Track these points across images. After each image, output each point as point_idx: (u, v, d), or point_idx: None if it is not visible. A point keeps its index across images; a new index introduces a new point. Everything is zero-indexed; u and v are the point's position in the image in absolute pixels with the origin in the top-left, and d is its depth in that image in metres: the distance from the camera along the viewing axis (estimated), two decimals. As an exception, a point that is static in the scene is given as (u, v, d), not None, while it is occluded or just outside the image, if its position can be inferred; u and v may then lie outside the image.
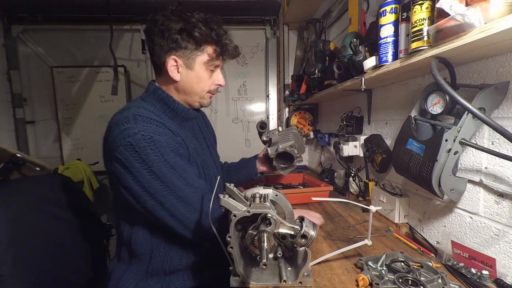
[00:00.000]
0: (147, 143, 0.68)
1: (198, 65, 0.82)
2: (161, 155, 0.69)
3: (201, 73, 0.83)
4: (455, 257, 0.71)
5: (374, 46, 0.88)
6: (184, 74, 0.82)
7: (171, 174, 0.70)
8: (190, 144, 0.85)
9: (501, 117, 0.64)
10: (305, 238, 0.62)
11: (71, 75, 2.22)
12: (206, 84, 0.86)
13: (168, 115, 0.84)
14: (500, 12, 0.48)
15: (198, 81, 0.84)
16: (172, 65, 0.80)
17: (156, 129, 0.72)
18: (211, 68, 0.84)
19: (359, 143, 1.23)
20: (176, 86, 0.85)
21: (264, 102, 2.46)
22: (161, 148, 0.70)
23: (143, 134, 0.68)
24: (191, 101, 0.88)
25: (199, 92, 0.86)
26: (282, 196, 0.70)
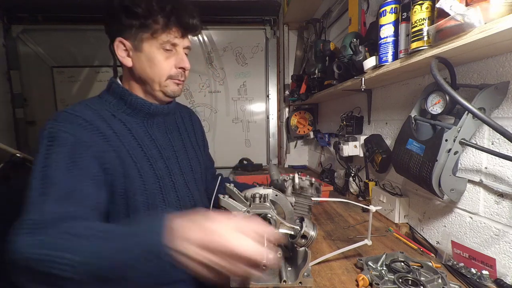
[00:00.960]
0: (47, 140, 0.61)
1: (146, 45, 0.71)
2: (48, 156, 0.59)
3: (152, 54, 0.71)
4: (455, 257, 0.71)
5: (374, 46, 0.88)
6: (135, 58, 0.72)
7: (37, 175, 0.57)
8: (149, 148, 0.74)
9: (501, 117, 0.64)
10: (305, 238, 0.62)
11: (71, 75, 2.22)
12: (162, 67, 0.72)
13: (127, 111, 0.74)
14: (500, 12, 0.48)
15: (150, 65, 0.72)
16: (121, 49, 0.72)
17: (73, 128, 0.62)
18: (165, 47, 0.71)
19: (359, 143, 1.23)
20: (131, 74, 0.75)
21: (264, 102, 2.46)
22: (57, 148, 0.59)
23: (50, 130, 0.62)
24: (150, 90, 0.75)
25: (156, 78, 0.73)
26: (282, 196, 0.70)
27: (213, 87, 2.39)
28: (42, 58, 2.21)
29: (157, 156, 0.76)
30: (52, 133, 0.61)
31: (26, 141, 2.25)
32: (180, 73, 0.76)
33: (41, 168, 0.58)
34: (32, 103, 2.24)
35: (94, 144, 0.64)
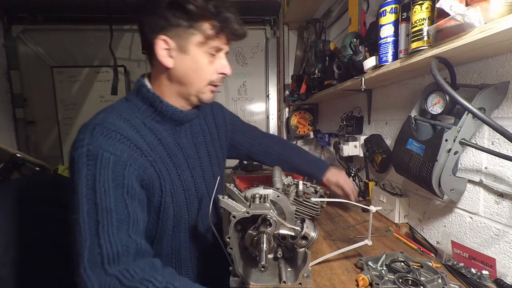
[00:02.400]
0: (87, 160, 0.56)
1: (194, 47, 0.66)
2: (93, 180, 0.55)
3: (199, 57, 0.67)
4: (455, 257, 0.71)
5: (374, 46, 0.88)
6: (177, 60, 0.67)
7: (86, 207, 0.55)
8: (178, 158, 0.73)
9: (501, 117, 0.64)
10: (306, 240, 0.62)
11: (71, 75, 2.22)
12: (206, 72, 0.69)
13: (156, 118, 0.70)
14: (500, 12, 0.48)
15: (195, 68, 0.68)
16: (162, 48, 0.65)
17: (112, 145, 0.58)
18: (211, 52, 0.68)
19: (359, 143, 1.23)
20: (169, 75, 0.69)
21: (264, 102, 2.46)
22: (101, 171, 0.56)
23: (89, 148, 0.57)
24: (187, 94, 0.72)
25: (197, 83, 0.70)
26: (283, 196, 0.70)
27: (213, 87, 2.39)
28: (42, 58, 2.21)
29: (185, 166, 0.74)
30: (92, 152, 0.57)
31: (26, 141, 2.25)
32: (220, 79, 0.73)
33: (88, 192, 0.55)
34: (32, 103, 2.24)
35: (133, 161, 0.61)
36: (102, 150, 0.57)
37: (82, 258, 0.52)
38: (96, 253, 0.52)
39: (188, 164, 0.75)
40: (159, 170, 0.67)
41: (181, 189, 0.72)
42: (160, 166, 0.67)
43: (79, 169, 0.56)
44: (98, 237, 0.53)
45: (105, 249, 0.52)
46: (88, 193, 0.54)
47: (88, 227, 0.53)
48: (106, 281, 0.51)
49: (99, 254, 0.52)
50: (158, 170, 0.67)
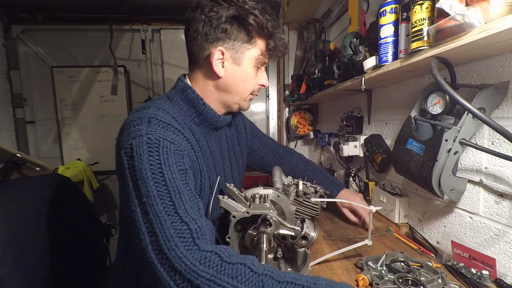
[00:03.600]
0: (149, 148, 0.56)
1: (246, 61, 0.71)
2: (158, 165, 0.55)
3: (248, 70, 0.72)
4: (455, 257, 0.71)
5: (374, 46, 0.88)
6: (229, 70, 0.71)
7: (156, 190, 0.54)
8: (209, 161, 0.75)
9: (501, 117, 0.64)
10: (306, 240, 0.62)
11: (71, 75, 2.22)
12: (251, 83, 0.75)
13: (195, 120, 0.73)
14: (500, 12, 0.48)
15: (244, 79, 0.73)
16: (217, 58, 0.69)
17: (170, 135, 0.60)
18: (258, 66, 0.74)
19: (359, 143, 1.23)
20: (217, 83, 0.73)
21: (264, 102, 2.46)
22: (164, 156, 0.56)
23: (149, 137, 0.57)
24: (231, 102, 0.76)
25: (243, 92, 0.75)
26: (283, 196, 0.70)
27: (213, 87, 2.39)
28: (42, 58, 2.21)
29: (213, 170, 0.76)
30: (153, 140, 0.57)
31: (26, 141, 2.25)
32: (258, 89, 0.79)
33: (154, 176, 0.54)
34: (32, 103, 2.24)
35: (187, 153, 0.63)
36: (163, 138, 0.58)
37: (163, 239, 0.49)
38: (183, 229, 0.50)
39: (216, 168, 0.77)
40: (200, 167, 0.70)
41: (208, 192, 0.73)
42: (200, 164, 0.70)
43: (140, 156, 0.55)
44: (178, 215, 0.51)
45: (192, 225, 0.51)
46: (154, 177, 0.54)
47: (164, 208, 0.52)
48: (206, 256, 0.48)
49: (187, 230, 0.50)
50: (199, 167, 0.69)
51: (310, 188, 0.93)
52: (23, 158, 1.40)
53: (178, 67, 2.32)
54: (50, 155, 2.28)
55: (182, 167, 0.58)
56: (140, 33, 2.25)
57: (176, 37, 2.28)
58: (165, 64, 2.30)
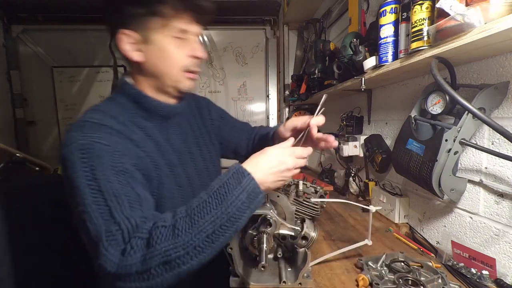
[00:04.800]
0: (81, 154, 0.54)
1: (156, 35, 0.63)
2: (91, 171, 0.53)
3: (164, 44, 0.64)
4: (455, 257, 0.71)
5: (374, 46, 0.88)
6: (145, 52, 0.65)
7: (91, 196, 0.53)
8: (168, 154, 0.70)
9: (501, 117, 0.64)
10: (306, 240, 0.62)
11: (71, 75, 2.22)
12: (175, 58, 0.66)
13: (142, 115, 0.68)
14: (500, 12, 0.48)
15: (163, 57, 0.65)
16: (126, 43, 0.63)
17: (104, 137, 0.57)
18: (177, 35, 0.64)
19: (359, 143, 1.23)
20: (142, 70, 0.67)
21: (264, 102, 2.46)
22: (97, 160, 0.54)
23: (80, 142, 0.55)
24: (164, 86, 0.69)
25: (169, 72, 0.67)
26: (283, 197, 0.70)
27: (213, 87, 2.40)
28: (42, 58, 2.21)
29: (176, 162, 0.72)
30: (84, 145, 0.55)
31: (26, 141, 2.25)
32: (195, 63, 0.69)
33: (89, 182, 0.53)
34: (32, 103, 2.24)
35: (128, 151, 0.59)
36: (95, 142, 0.55)
37: (101, 242, 0.49)
38: (114, 230, 0.50)
39: (180, 160, 0.73)
40: (155, 161, 0.65)
41: (175, 185, 0.70)
42: (156, 159, 0.66)
43: (73, 164, 0.54)
44: (113, 218, 0.51)
45: (123, 224, 0.51)
46: (89, 183, 0.53)
47: (100, 214, 0.51)
48: (129, 247, 0.49)
49: (118, 230, 0.50)
50: (154, 161, 0.65)
51: (310, 188, 0.93)
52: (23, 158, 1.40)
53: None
54: (50, 155, 2.28)
55: (120, 168, 0.56)
56: (140, 33, 2.25)
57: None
58: (165, 64, 2.30)
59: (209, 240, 0.51)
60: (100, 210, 0.52)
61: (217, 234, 0.51)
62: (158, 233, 0.49)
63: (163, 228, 0.50)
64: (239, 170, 0.55)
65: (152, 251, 0.48)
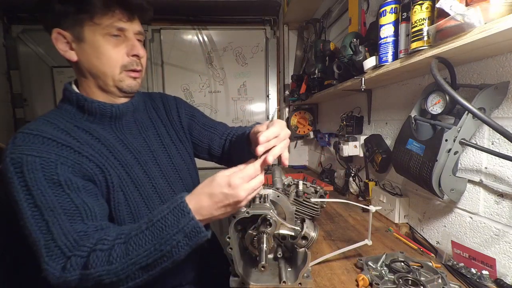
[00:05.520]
0: (14, 169, 0.55)
1: (88, 32, 0.62)
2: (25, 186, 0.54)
3: (97, 42, 0.62)
4: (455, 257, 0.71)
5: (374, 46, 0.88)
6: (78, 51, 0.64)
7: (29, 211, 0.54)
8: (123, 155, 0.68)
9: (501, 117, 0.64)
10: (306, 240, 0.62)
11: (71, 75, 2.21)
12: (111, 56, 0.64)
13: (89, 118, 0.67)
14: (500, 12, 0.48)
15: (97, 55, 0.63)
16: (61, 42, 0.63)
17: (37, 147, 0.56)
18: (112, 33, 0.63)
19: (359, 143, 1.23)
20: (79, 70, 0.66)
21: (264, 102, 2.46)
22: (30, 174, 0.54)
23: (12, 157, 0.55)
24: (104, 85, 0.67)
25: (107, 70, 0.65)
26: (283, 196, 0.70)
27: (213, 87, 2.39)
28: (42, 58, 2.21)
29: (133, 163, 0.69)
30: (15, 159, 0.55)
31: (26, 141, 2.25)
32: (135, 62, 0.67)
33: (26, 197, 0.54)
34: (32, 103, 2.24)
35: (64, 160, 0.58)
36: (26, 155, 0.55)
37: (42, 256, 0.54)
38: (52, 246, 0.53)
39: (138, 160, 0.71)
40: (101, 164, 0.63)
41: (132, 186, 0.68)
42: (102, 161, 0.64)
43: (9, 179, 0.55)
44: (51, 233, 0.54)
45: (60, 241, 0.54)
46: (26, 198, 0.54)
47: (38, 228, 0.54)
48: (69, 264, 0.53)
49: (55, 246, 0.53)
50: (100, 164, 0.63)
51: (310, 188, 0.93)
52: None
53: (178, 67, 2.32)
54: (50, 155, 2.28)
55: (55, 179, 0.56)
56: (140, 33, 2.25)
57: (176, 37, 2.28)
58: (165, 64, 2.30)
59: (143, 270, 0.53)
60: (39, 225, 0.54)
61: (152, 266, 0.53)
62: (95, 257, 0.52)
63: (100, 252, 0.52)
64: (180, 206, 0.53)
65: (88, 273, 0.52)
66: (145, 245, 0.51)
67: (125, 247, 0.52)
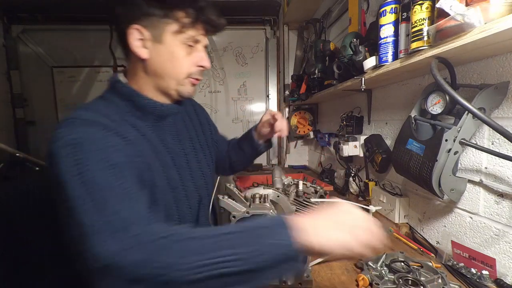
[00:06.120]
0: (69, 149, 0.51)
1: (169, 37, 0.64)
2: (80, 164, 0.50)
3: (175, 48, 0.65)
4: (455, 257, 0.71)
5: (374, 46, 0.88)
6: (152, 50, 0.65)
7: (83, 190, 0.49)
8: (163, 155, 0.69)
9: (501, 117, 0.64)
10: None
11: (71, 75, 2.22)
12: (183, 63, 0.67)
13: (136, 114, 0.67)
14: (500, 12, 0.48)
15: (171, 59, 0.66)
16: (135, 38, 0.63)
17: (94, 133, 0.55)
18: (188, 43, 0.66)
19: (359, 143, 1.23)
20: (145, 67, 0.67)
21: (264, 102, 2.46)
22: (87, 154, 0.51)
23: (69, 137, 0.52)
24: (165, 87, 0.69)
25: (175, 75, 0.67)
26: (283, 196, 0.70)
27: (213, 87, 2.39)
28: (42, 58, 2.20)
29: (171, 164, 0.70)
30: (74, 140, 0.52)
31: (26, 141, 2.24)
32: (199, 72, 0.71)
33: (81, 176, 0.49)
34: (32, 103, 2.24)
35: (121, 147, 0.56)
36: (85, 138, 0.53)
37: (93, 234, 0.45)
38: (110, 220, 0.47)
39: (174, 162, 0.71)
40: (147, 162, 0.62)
41: (168, 187, 0.68)
42: (148, 159, 0.63)
43: (62, 160, 0.51)
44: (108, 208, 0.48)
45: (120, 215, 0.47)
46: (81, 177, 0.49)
47: (94, 205, 0.48)
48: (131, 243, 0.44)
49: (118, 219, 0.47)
50: (147, 162, 0.62)
51: (310, 188, 0.93)
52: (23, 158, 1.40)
53: (178, 67, 2.32)
54: (50, 155, 2.28)
55: (111, 162, 0.53)
56: (140, 33, 2.25)
57: (176, 37, 2.28)
58: (165, 64, 2.30)
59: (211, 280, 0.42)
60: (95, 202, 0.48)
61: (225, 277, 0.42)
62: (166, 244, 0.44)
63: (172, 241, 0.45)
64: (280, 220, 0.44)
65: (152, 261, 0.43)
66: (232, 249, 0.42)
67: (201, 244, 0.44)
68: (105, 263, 0.42)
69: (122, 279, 0.42)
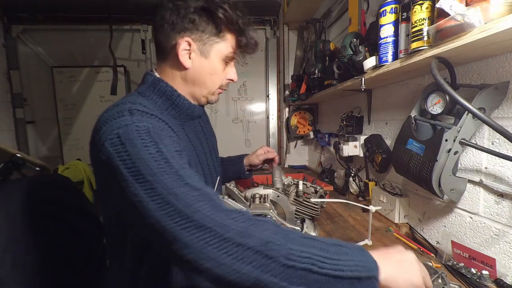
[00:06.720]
0: (138, 134, 0.52)
1: (214, 54, 0.70)
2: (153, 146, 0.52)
3: (216, 64, 0.71)
4: (455, 257, 0.71)
5: (374, 46, 0.88)
6: (196, 62, 0.70)
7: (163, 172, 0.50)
8: (191, 151, 0.74)
9: (501, 117, 0.64)
10: (305, 239, 0.62)
11: (71, 75, 2.22)
12: (219, 77, 0.74)
13: (171, 113, 0.71)
14: (500, 12, 0.48)
15: (211, 72, 0.72)
16: (184, 49, 0.68)
17: (156, 123, 0.58)
18: (226, 60, 0.73)
19: (359, 143, 1.23)
20: (184, 74, 0.72)
21: (264, 102, 2.46)
22: (157, 139, 0.53)
23: (137, 125, 0.54)
24: (198, 95, 0.75)
25: (210, 86, 0.74)
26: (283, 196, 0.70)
27: (213, 87, 2.40)
28: (42, 58, 2.21)
29: (196, 161, 0.76)
30: (141, 127, 0.53)
31: (26, 141, 2.25)
32: (227, 84, 0.79)
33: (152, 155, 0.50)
34: (32, 103, 2.24)
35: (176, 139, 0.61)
36: (151, 125, 0.55)
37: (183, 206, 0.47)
38: (200, 194, 0.49)
39: (199, 159, 0.77)
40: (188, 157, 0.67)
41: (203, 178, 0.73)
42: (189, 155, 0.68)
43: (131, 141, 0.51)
44: (189, 185, 0.49)
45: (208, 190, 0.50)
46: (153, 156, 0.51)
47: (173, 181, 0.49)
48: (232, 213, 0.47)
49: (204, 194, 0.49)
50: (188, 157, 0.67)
51: (310, 188, 0.93)
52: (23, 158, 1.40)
53: (178, 67, 2.32)
54: (50, 155, 2.28)
55: (177, 149, 0.56)
56: (140, 33, 2.26)
57: (176, 37, 2.28)
58: (165, 64, 2.30)
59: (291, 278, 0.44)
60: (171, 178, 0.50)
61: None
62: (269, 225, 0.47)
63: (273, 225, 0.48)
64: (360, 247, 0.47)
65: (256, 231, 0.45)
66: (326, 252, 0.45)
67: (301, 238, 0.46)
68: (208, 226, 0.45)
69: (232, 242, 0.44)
